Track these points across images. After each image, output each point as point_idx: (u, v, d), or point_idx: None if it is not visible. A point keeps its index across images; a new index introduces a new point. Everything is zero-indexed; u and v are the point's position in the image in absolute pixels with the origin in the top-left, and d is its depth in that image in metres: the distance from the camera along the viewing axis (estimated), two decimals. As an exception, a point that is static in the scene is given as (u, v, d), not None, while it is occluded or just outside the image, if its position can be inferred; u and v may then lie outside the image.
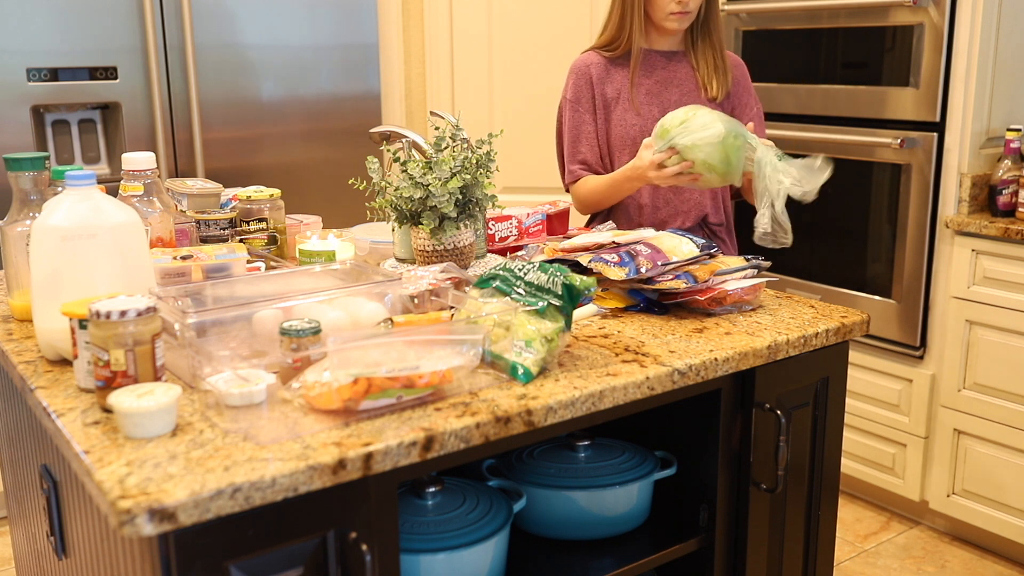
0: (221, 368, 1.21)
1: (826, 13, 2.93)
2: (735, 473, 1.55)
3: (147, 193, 1.67)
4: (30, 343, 1.49)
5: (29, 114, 2.82)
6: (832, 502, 1.71)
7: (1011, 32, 2.66)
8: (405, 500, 1.46)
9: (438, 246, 1.70)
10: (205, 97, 3.06)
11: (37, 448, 1.51)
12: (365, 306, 1.39)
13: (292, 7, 3.18)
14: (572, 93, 2.26)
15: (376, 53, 3.38)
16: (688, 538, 1.58)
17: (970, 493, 2.76)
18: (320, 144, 3.31)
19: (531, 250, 1.88)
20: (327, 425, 1.16)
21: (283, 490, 1.05)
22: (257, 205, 1.89)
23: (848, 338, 1.62)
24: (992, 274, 2.61)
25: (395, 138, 2.17)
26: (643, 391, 1.35)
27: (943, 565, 2.75)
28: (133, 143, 2.96)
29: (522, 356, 1.32)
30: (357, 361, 1.19)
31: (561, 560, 1.54)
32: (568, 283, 1.37)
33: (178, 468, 1.05)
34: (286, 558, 1.11)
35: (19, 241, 1.56)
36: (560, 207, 2.12)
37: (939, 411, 2.79)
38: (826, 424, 1.65)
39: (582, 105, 2.24)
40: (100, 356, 1.19)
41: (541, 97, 3.51)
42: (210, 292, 1.47)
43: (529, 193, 3.50)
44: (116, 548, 1.18)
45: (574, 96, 2.25)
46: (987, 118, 2.69)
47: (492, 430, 1.21)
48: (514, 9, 3.48)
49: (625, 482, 1.56)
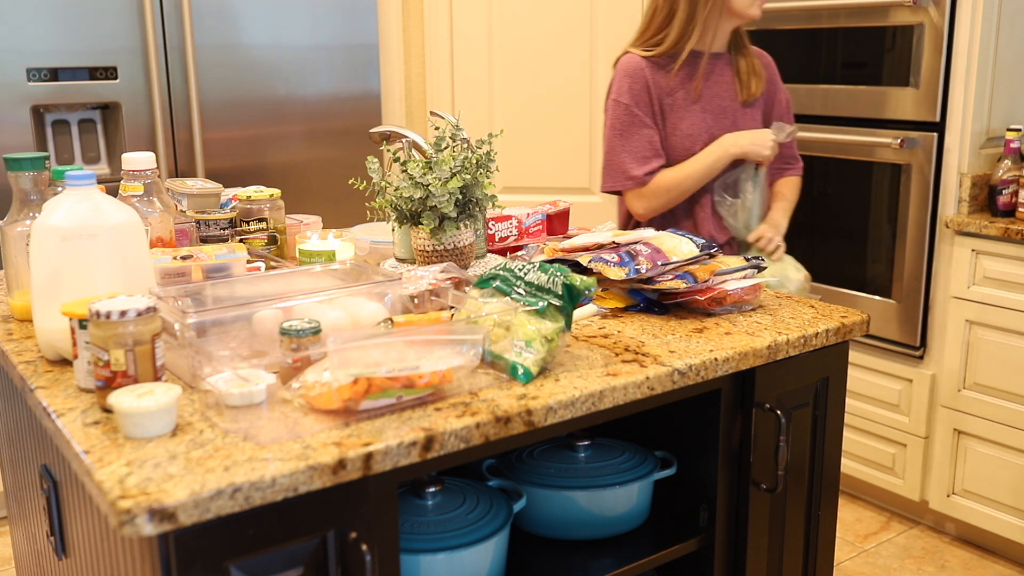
0: (221, 368, 1.21)
1: (826, 13, 2.93)
2: (735, 473, 1.55)
3: (147, 193, 1.67)
4: (30, 343, 1.49)
5: (29, 114, 2.82)
6: (832, 502, 1.71)
7: (1011, 32, 2.66)
8: (405, 500, 1.46)
9: (438, 246, 1.70)
10: (205, 97, 3.06)
11: (37, 448, 1.51)
12: (365, 306, 1.39)
13: (292, 7, 3.18)
14: (630, 97, 2.19)
15: (376, 53, 3.38)
16: (688, 538, 1.58)
17: (970, 493, 2.76)
18: (320, 144, 3.31)
19: (531, 250, 1.88)
20: (327, 425, 1.16)
21: (283, 490, 1.05)
22: (257, 205, 1.89)
23: (848, 338, 1.62)
24: (992, 274, 2.61)
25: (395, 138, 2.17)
26: (643, 391, 1.35)
27: (943, 565, 2.75)
28: (133, 143, 2.96)
29: (522, 356, 1.32)
30: (357, 361, 1.19)
31: (561, 560, 1.54)
32: (568, 283, 1.37)
33: (178, 468, 1.05)
34: (286, 558, 1.11)
35: (19, 241, 1.56)
36: (560, 207, 2.12)
37: (939, 411, 2.79)
38: (826, 424, 1.65)
39: (641, 108, 2.18)
40: (100, 356, 1.19)
41: (541, 97, 3.51)
42: (210, 292, 1.47)
43: (529, 193, 3.50)
44: (116, 548, 1.18)
45: (632, 100, 2.18)
46: (987, 118, 2.69)
47: (492, 430, 1.21)
48: (514, 9, 3.48)
49: (625, 482, 1.56)
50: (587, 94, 3.47)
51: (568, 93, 3.49)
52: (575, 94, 3.49)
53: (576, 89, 3.48)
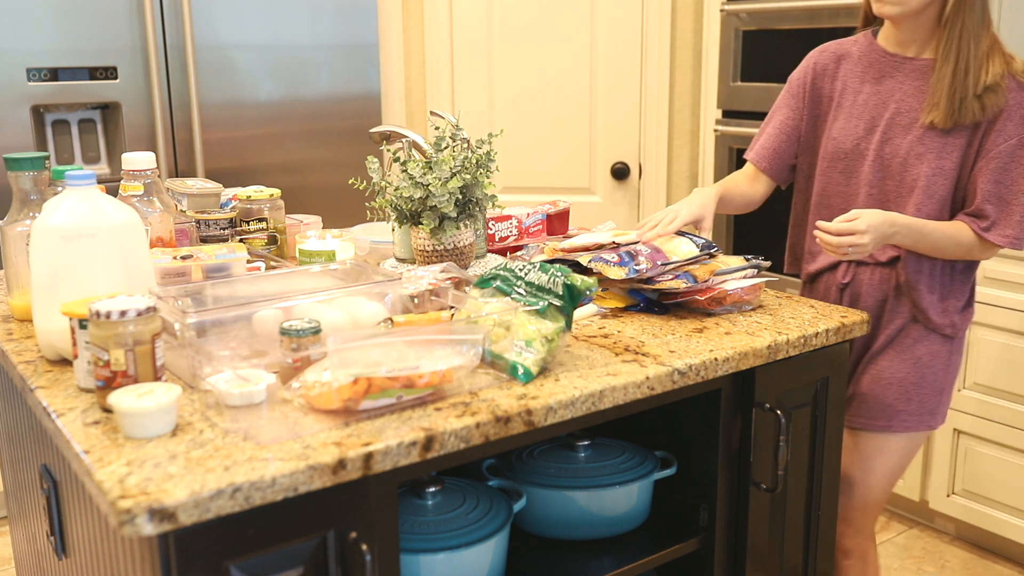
0: (221, 368, 1.21)
1: (826, 13, 2.93)
2: (735, 473, 1.55)
3: (147, 193, 1.67)
4: (30, 343, 1.49)
5: (29, 114, 2.82)
6: (832, 502, 1.71)
7: (1011, 32, 2.66)
8: (405, 500, 1.46)
9: (438, 246, 1.70)
10: (205, 97, 3.06)
11: (37, 448, 1.51)
12: (365, 306, 1.39)
13: (292, 7, 3.18)
14: (793, 75, 1.97)
15: (376, 53, 3.38)
16: (688, 538, 1.58)
17: (970, 493, 2.76)
18: (320, 144, 3.31)
19: (531, 250, 1.88)
20: (327, 425, 1.16)
21: (283, 490, 1.05)
22: (257, 205, 1.89)
23: (848, 338, 1.62)
24: (992, 274, 2.61)
25: (395, 138, 2.17)
26: (643, 391, 1.35)
27: (943, 565, 2.75)
28: (133, 143, 2.96)
29: (522, 356, 1.32)
30: (357, 361, 1.19)
31: (561, 560, 1.54)
32: (568, 283, 1.37)
33: (178, 468, 1.05)
34: (286, 558, 1.11)
35: (19, 241, 1.56)
36: (560, 207, 2.12)
37: (939, 411, 2.79)
38: (826, 424, 1.65)
39: (791, 90, 1.96)
40: (100, 356, 1.18)
41: (541, 97, 3.51)
42: (210, 292, 1.47)
43: (529, 193, 3.50)
44: (116, 548, 1.18)
45: (790, 79, 1.98)
46: (987, 118, 2.68)
47: (492, 430, 1.21)
48: (514, 9, 3.48)
49: (625, 482, 1.56)
50: (587, 94, 3.47)
51: (568, 93, 3.49)
52: (575, 94, 3.49)
53: (576, 89, 3.48)
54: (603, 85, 3.45)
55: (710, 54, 3.31)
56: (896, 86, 1.80)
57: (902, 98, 1.79)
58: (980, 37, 1.71)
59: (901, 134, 1.78)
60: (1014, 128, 1.71)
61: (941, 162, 1.74)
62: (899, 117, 1.78)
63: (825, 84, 1.92)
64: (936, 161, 1.74)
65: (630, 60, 3.41)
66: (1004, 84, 1.71)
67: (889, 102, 1.80)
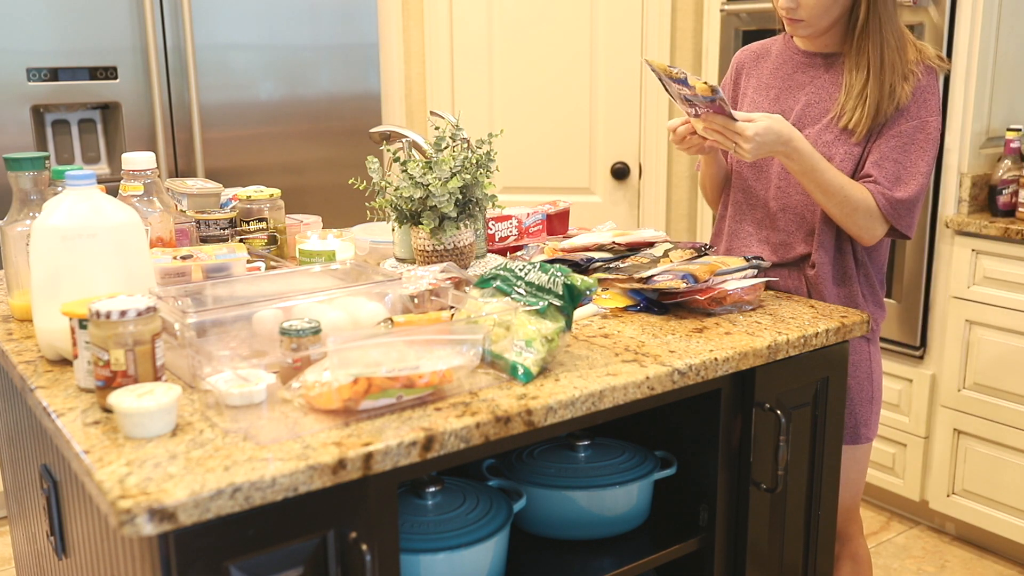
0: (221, 368, 1.21)
1: (826, 13, 2.92)
2: (735, 473, 1.55)
3: (147, 193, 1.67)
4: (30, 343, 1.49)
5: (29, 114, 2.82)
6: (832, 502, 1.71)
7: (1011, 32, 2.66)
8: (405, 500, 1.46)
9: (438, 246, 1.70)
10: (205, 97, 3.06)
11: (37, 448, 1.51)
12: (365, 306, 1.39)
13: (292, 7, 3.18)
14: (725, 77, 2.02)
15: (376, 53, 3.38)
16: (688, 538, 1.58)
17: (970, 493, 2.76)
18: (320, 144, 3.31)
19: (531, 250, 1.88)
20: (327, 425, 1.16)
21: (283, 490, 1.05)
22: (257, 205, 1.89)
23: (848, 338, 1.62)
24: (992, 274, 2.61)
25: (395, 138, 2.17)
26: (643, 391, 1.35)
27: (943, 565, 2.75)
28: (133, 143, 2.96)
29: (522, 356, 1.32)
30: (357, 361, 1.19)
31: (561, 560, 1.54)
32: (569, 283, 1.37)
33: (178, 468, 1.05)
34: (286, 558, 1.11)
35: (19, 241, 1.56)
36: (560, 207, 2.12)
37: (939, 411, 2.79)
38: (826, 424, 1.65)
39: (724, 89, 1.98)
40: (100, 356, 1.19)
41: (541, 97, 3.51)
42: (210, 292, 1.47)
43: (529, 193, 3.50)
44: (116, 548, 1.18)
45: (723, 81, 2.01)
46: (987, 118, 2.69)
47: (492, 430, 1.21)
48: (514, 9, 3.48)
49: (625, 482, 1.56)
50: (587, 94, 3.47)
51: (568, 93, 3.49)
52: (575, 94, 3.49)
53: (576, 89, 3.48)
54: (603, 85, 3.45)
55: (710, 54, 3.31)
56: (807, 80, 1.84)
57: (813, 91, 1.82)
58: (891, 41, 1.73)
59: (811, 124, 1.81)
60: (916, 110, 1.74)
61: (851, 148, 1.76)
62: (810, 109, 1.82)
63: (742, 81, 1.96)
64: (845, 147, 1.77)
65: (630, 60, 3.41)
66: (916, 71, 1.74)
67: (800, 95, 1.84)
